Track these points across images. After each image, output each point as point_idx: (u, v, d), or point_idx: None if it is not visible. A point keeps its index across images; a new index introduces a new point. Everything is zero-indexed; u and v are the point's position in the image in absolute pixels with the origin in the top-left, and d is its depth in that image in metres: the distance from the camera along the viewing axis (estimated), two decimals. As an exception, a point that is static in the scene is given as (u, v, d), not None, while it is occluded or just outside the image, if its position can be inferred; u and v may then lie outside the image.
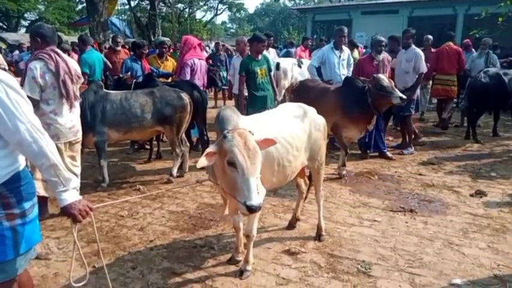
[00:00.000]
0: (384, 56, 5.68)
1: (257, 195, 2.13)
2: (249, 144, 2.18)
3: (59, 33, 6.64)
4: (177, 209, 4.09)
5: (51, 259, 3.18)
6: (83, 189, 4.60)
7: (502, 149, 6.25)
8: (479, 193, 4.34)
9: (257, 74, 4.97)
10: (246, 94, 5.55)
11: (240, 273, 2.87)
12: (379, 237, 3.45)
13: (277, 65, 7.63)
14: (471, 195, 4.33)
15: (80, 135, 3.80)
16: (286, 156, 2.81)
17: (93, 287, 2.82)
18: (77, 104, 3.74)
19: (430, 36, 8.06)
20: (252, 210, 2.12)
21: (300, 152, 2.97)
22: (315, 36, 21.00)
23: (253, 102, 5.03)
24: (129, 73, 6.00)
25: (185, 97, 4.86)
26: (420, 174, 5.07)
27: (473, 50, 9.36)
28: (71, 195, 1.84)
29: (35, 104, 3.42)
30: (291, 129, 2.92)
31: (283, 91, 7.74)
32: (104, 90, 4.65)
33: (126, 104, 4.58)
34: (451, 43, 7.29)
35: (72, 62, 3.69)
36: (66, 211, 1.85)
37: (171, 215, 3.95)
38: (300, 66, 7.90)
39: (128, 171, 5.43)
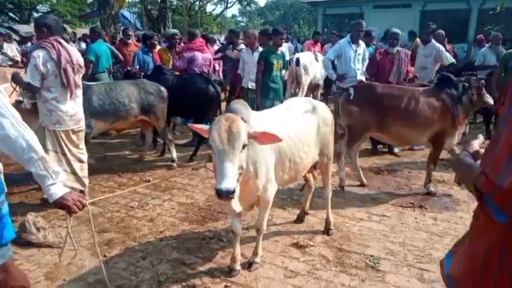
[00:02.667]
0: (400, 49, 5.56)
1: (230, 181, 2.02)
2: (233, 128, 2.11)
3: (65, 25, 6.76)
4: (187, 200, 4.12)
5: (63, 248, 3.23)
6: (95, 180, 4.69)
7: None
8: (491, 190, 4.28)
9: (274, 65, 5.14)
10: (250, 86, 5.65)
11: (249, 265, 2.90)
12: (388, 232, 3.44)
13: (297, 61, 7.43)
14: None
15: (82, 123, 3.88)
16: (297, 153, 2.81)
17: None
18: (79, 93, 3.80)
19: (441, 31, 7.97)
20: (219, 195, 2.02)
21: (310, 147, 2.96)
22: (325, 30, 20.83)
23: (267, 92, 5.18)
24: (138, 67, 6.06)
25: (163, 89, 5.09)
26: (430, 170, 5.03)
27: (485, 45, 9.20)
28: (60, 188, 1.76)
29: (36, 90, 3.56)
30: (302, 125, 2.92)
31: (306, 88, 7.56)
32: (85, 83, 4.69)
33: (113, 94, 4.71)
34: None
35: (75, 52, 3.76)
36: (59, 204, 1.77)
37: (181, 207, 3.98)
38: (317, 60, 7.76)
39: (138, 163, 5.47)
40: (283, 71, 5.52)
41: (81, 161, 3.87)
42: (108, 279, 2.80)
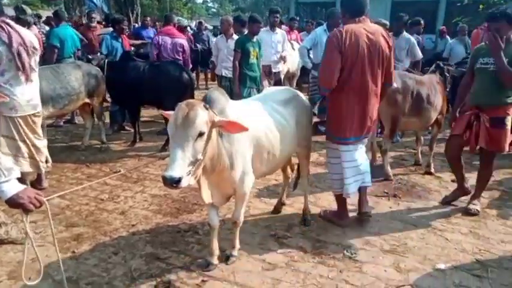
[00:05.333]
0: None
1: (177, 169, 1.94)
2: (190, 114, 2.02)
3: (24, 6, 6.36)
4: (160, 192, 3.98)
5: (28, 243, 3.05)
6: (61, 171, 4.47)
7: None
8: (460, 179, 4.40)
9: (251, 53, 5.07)
10: (224, 74, 5.72)
11: (226, 259, 2.83)
12: (364, 222, 3.46)
13: None
14: (452, 181, 4.36)
15: (39, 109, 3.63)
16: (276, 144, 2.74)
17: (73, 273, 2.73)
18: (34, 77, 3.55)
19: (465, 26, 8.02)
20: (164, 181, 1.96)
21: (290, 138, 2.90)
22: (297, 18, 20.72)
23: (244, 80, 5.10)
24: (99, 54, 5.81)
25: (99, 70, 5.17)
26: (403, 159, 5.12)
27: (447, 37, 9.39)
28: (14, 185, 1.67)
29: None
30: (281, 114, 2.84)
31: (282, 76, 7.50)
32: None
33: (63, 77, 4.58)
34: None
35: (27, 34, 3.48)
36: (12, 203, 1.68)
37: (154, 199, 3.85)
38: (293, 49, 7.62)
39: (108, 153, 5.26)
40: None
41: (38, 146, 3.67)
42: (78, 277, 2.70)
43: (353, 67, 2.84)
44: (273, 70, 6.09)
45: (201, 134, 2.04)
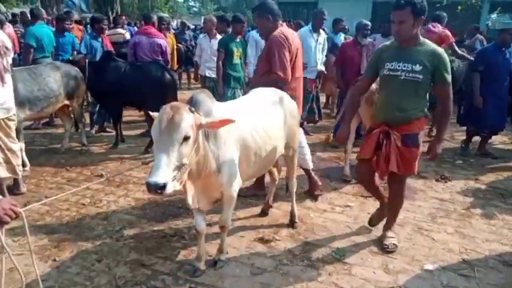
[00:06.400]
0: (369, 41, 5.55)
1: (161, 174, 1.88)
2: (175, 117, 1.95)
3: None
4: (144, 196, 3.88)
5: (5, 253, 2.91)
6: (40, 175, 4.32)
7: (463, 135, 6.46)
8: (444, 178, 4.46)
9: (234, 53, 5.03)
10: (207, 74, 5.68)
11: (214, 264, 2.77)
12: (352, 223, 3.45)
13: None
14: (437, 180, 4.44)
15: (13, 112, 3.46)
16: (264, 146, 2.69)
17: (55, 281, 2.62)
18: (7, 79, 3.40)
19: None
20: (148, 187, 1.90)
21: (277, 140, 2.86)
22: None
23: (228, 81, 5.06)
24: (76, 52, 5.64)
25: (79, 71, 4.99)
26: (387, 160, 5.14)
27: None
28: None
29: None
30: (268, 117, 2.80)
31: None
32: None
33: (41, 79, 4.44)
34: None
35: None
36: None
37: (138, 203, 3.75)
38: None
39: (89, 155, 5.11)
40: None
41: (13, 150, 3.52)
42: (60, 286, 2.60)
43: (295, 62, 3.46)
44: None
45: (186, 138, 1.98)
